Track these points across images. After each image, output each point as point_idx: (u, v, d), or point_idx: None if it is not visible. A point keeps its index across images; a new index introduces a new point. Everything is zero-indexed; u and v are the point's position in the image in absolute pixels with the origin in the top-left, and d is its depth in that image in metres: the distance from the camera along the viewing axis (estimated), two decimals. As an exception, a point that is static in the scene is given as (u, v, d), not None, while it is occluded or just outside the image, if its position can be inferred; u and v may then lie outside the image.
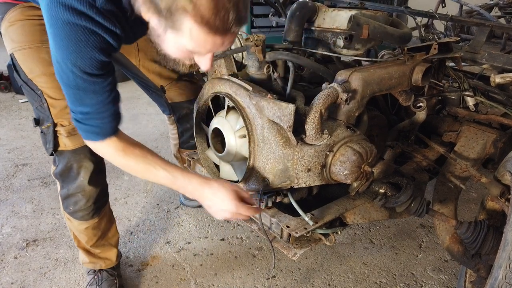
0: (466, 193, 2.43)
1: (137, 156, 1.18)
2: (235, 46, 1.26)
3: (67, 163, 1.38)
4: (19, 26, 1.27)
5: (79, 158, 1.37)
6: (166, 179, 1.19)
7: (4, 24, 1.28)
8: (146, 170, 1.19)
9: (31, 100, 1.34)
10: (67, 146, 1.34)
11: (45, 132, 1.35)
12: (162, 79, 1.69)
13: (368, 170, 1.13)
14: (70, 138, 1.33)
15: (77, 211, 1.48)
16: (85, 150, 1.35)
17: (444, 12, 2.04)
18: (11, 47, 1.29)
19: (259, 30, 4.28)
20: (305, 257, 1.91)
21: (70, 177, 1.41)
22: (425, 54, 1.34)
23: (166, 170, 1.18)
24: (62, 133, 1.33)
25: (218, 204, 1.16)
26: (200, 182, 1.18)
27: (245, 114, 1.10)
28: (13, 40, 1.28)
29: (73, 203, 1.46)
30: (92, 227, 1.55)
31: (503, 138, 1.42)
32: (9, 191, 2.47)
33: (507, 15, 2.82)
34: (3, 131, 3.39)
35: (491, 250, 1.17)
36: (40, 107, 1.32)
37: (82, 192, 1.43)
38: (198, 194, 1.19)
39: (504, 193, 1.24)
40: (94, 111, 1.09)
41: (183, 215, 2.24)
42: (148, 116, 3.72)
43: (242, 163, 1.20)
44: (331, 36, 1.40)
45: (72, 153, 1.36)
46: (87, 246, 1.62)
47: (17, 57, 1.29)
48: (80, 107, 1.09)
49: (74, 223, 1.53)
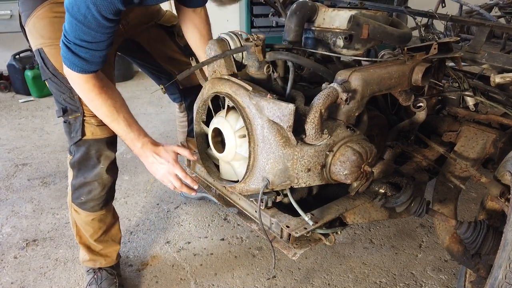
0: (466, 193, 2.43)
1: (108, 99, 1.27)
2: (235, 46, 1.26)
3: (88, 151, 1.44)
4: (48, 23, 1.33)
5: (103, 147, 1.45)
6: (122, 128, 1.31)
7: (32, 20, 1.34)
8: (109, 112, 1.28)
9: (58, 92, 1.40)
10: (95, 134, 1.42)
11: (71, 122, 1.42)
12: (173, 66, 1.74)
13: (368, 170, 1.13)
14: (100, 128, 1.42)
15: (88, 201, 1.52)
16: (109, 140, 1.46)
17: (444, 12, 2.03)
18: (40, 42, 1.36)
19: (259, 30, 4.28)
20: (305, 257, 1.91)
21: (88, 165, 1.47)
22: (425, 54, 1.33)
23: (126, 120, 1.31)
24: (92, 123, 1.40)
25: (157, 160, 1.33)
26: (150, 141, 1.35)
27: (245, 114, 1.10)
28: (42, 36, 1.35)
29: (87, 192, 1.50)
30: (98, 219, 1.59)
31: (503, 138, 1.42)
32: (9, 191, 2.47)
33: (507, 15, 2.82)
34: (3, 131, 3.39)
35: (491, 250, 1.17)
36: (70, 98, 1.39)
37: (100, 179, 1.49)
38: (143, 151, 1.34)
39: (504, 193, 1.24)
40: (89, 46, 1.15)
41: (183, 215, 2.24)
42: (148, 116, 3.72)
43: (242, 163, 1.20)
44: (331, 36, 1.40)
45: (97, 141, 1.43)
46: (90, 241, 1.64)
47: (47, 52, 1.35)
48: (77, 39, 1.14)
49: (82, 214, 1.56)
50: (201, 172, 1.50)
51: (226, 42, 1.26)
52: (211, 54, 1.24)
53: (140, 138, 1.34)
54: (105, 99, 1.27)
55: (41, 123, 3.57)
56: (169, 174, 1.35)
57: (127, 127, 1.31)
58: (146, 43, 1.66)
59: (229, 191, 1.37)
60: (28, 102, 4.12)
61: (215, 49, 1.24)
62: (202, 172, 1.49)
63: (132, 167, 2.75)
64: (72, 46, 1.15)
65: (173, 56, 1.72)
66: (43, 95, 4.24)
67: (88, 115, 1.40)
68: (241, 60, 1.32)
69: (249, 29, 4.29)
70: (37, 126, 3.50)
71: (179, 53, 1.73)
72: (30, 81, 4.14)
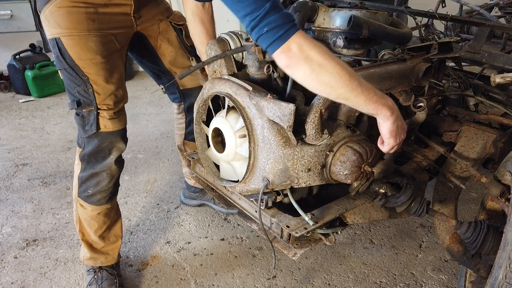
0: (466, 193, 2.43)
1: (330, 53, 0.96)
2: (235, 46, 1.26)
3: (101, 144, 1.47)
4: (66, 12, 1.33)
5: (115, 139, 1.48)
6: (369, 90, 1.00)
7: (49, 8, 1.34)
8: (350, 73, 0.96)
9: (73, 83, 1.41)
10: (107, 127, 1.45)
11: (84, 115, 1.43)
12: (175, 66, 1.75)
13: (368, 170, 1.13)
14: (112, 121, 1.45)
15: (96, 194, 1.55)
16: (121, 133, 1.49)
17: (444, 12, 2.04)
18: (58, 31, 1.35)
19: (259, 30, 4.27)
20: (305, 257, 1.91)
21: (99, 157, 1.49)
22: (425, 54, 1.34)
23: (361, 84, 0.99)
24: (105, 116, 1.43)
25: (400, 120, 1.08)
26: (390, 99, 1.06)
27: (245, 114, 1.10)
28: (59, 25, 1.34)
29: (94, 184, 1.53)
30: (104, 213, 1.61)
31: (503, 138, 1.42)
32: (9, 191, 2.47)
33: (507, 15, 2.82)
34: (3, 131, 3.39)
35: (491, 250, 1.17)
36: (84, 91, 1.40)
37: (108, 170, 1.52)
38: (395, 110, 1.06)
39: (504, 193, 1.24)
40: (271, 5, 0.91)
41: (183, 215, 2.24)
42: (148, 116, 3.72)
43: (242, 163, 1.20)
44: (331, 36, 1.40)
45: (110, 134, 1.46)
46: (92, 238, 1.65)
47: (65, 42, 1.35)
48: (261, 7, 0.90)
49: (88, 209, 1.58)
50: (201, 172, 1.50)
51: (226, 42, 1.26)
52: (211, 54, 1.24)
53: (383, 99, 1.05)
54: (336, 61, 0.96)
55: (41, 123, 3.57)
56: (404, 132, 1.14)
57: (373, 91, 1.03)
58: (153, 38, 1.66)
59: (229, 191, 1.37)
60: (28, 102, 4.12)
61: (215, 49, 1.24)
62: (202, 172, 1.49)
63: (132, 167, 2.75)
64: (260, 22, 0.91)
65: (177, 56, 1.72)
66: (43, 95, 4.24)
67: (102, 108, 1.42)
68: (241, 60, 1.32)
69: (249, 29, 4.29)
70: (37, 126, 3.50)
71: (182, 53, 1.72)
72: (30, 81, 4.14)
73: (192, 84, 1.81)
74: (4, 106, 4.01)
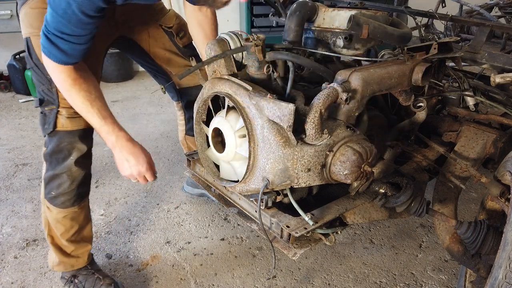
0: (466, 193, 2.43)
1: (82, 90, 1.28)
2: (235, 46, 1.26)
3: (60, 143, 1.43)
4: (38, 13, 1.34)
5: (74, 139, 1.44)
6: (96, 121, 1.31)
7: (24, 9, 1.36)
8: (82, 104, 1.29)
9: (38, 82, 1.42)
10: (65, 126, 1.42)
11: (46, 114, 1.43)
12: (171, 66, 1.75)
13: (368, 170, 1.13)
14: (71, 120, 1.42)
15: (59, 195, 1.50)
16: (80, 133, 1.45)
17: (444, 12, 2.03)
18: (29, 31, 1.37)
19: (259, 30, 4.28)
20: (305, 257, 1.91)
21: (59, 158, 1.46)
22: (425, 54, 1.33)
23: (100, 113, 1.31)
24: (64, 114, 1.41)
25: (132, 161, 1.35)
26: (125, 137, 1.36)
27: (245, 114, 1.10)
28: (31, 25, 1.36)
29: (57, 185, 1.49)
30: (70, 216, 1.56)
31: (503, 138, 1.42)
32: (9, 191, 2.47)
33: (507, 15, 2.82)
34: (3, 131, 3.39)
35: (491, 250, 1.17)
36: (48, 90, 1.40)
37: (68, 172, 1.47)
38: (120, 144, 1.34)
39: (504, 193, 1.24)
40: (69, 39, 1.15)
41: (183, 215, 2.24)
42: (148, 116, 3.72)
43: (242, 163, 1.20)
44: (331, 36, 1.40)
45: (68, 134, 1.43)
46: (61, 241, 1.60)
47: (33, 41, 1.36)
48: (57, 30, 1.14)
49: (53, 211, 1.54)
50: (201, 172, 1.50)
51: (226, 42, 1.26)
52: (211, 54, 1.24)
53: (115, 131, 1.34)
54: (78, 90, 1.27)
55: (41, 123, 3.58)
56: (138, 175, 1.39)
57: (101, 119, 1.31)
58: (144, 43, 1.66)
59: (229, 191, 1.37)
60: (28, 102, 4.13)
61: (215, 49, 1.24)
62: (202, 172, 1.49)
63: (132, 167, 2.75)
64: (52, 36, 1.15)
65: (171, 57, 1.72)
66: (43, 95, 4.24)
67: (63, 107, 1.40)
68: (241, 60, 1.32)
69: (249, 29, 4.30)
70: (37, 126, 3.50)
71: (177, 54, 1.73)
72: (30, 81, 4.13)
73: (188, 83, 1.82)
74: (4, 106, 4.01)
